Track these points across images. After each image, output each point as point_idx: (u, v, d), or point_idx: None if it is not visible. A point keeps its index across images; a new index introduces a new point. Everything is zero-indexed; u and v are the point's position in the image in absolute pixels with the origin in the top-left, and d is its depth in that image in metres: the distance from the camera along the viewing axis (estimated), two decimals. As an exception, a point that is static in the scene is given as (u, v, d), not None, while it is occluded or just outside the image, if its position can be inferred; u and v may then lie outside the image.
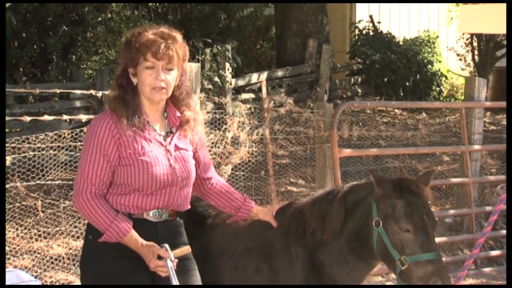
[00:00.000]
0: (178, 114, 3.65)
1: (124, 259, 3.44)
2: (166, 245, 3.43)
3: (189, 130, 3.66)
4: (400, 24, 17.38)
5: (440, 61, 15.52)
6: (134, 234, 3.43)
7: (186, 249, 3.52)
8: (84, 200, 3.42)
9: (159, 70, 3.50)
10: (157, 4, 14.95)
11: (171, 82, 3.55)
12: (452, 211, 8.61)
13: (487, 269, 8.07)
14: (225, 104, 9.54)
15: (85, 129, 8.87)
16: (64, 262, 6.43)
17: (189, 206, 3.70)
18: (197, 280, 3.61)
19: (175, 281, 3.36)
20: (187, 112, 3.66)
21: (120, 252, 3.44)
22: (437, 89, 15.24)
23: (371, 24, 15.76)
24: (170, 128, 3.63)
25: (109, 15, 13.05)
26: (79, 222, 6.47)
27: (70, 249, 6.78)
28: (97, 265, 3.48)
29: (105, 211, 3.41)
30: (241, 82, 12.82)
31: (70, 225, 6.47)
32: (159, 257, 3.39)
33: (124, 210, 3.48)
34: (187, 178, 3.59)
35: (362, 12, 16.67)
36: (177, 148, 3.59)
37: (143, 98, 3.56)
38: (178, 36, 3.62)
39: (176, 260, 3.42)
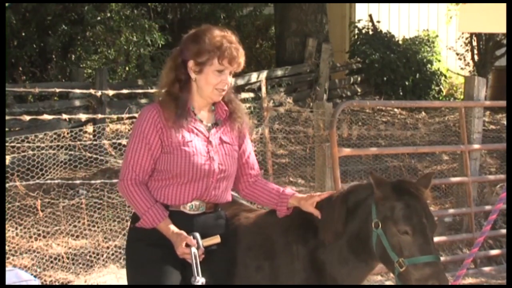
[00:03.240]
0: (225, 108, 3.77)
1: (158, 247, 3.58)
2: (196, 234, 3.55)
3: (236, 120, 3.76)
4: (399, 23, 17.38)
5: (439, 61, 15.53)
6: (168, 221, 3.59)
7: (215, 238, 3.60)
8: (126, 186, 3.61)
9: (227, 74, 3.68)
10: (157, 3, 14.96)
11: (230, 85, 3.74)
12: (451, 210, 8.61)
13: (486, 268, 8.08)
14: (225, 104, 9.53)
15: (84, 128, 8.91)
16: (63, 261, 6.43)
17: (229, 199, 3.79)
18: (220, 268, 3.69)
19: (196, 269, 3.47)
20: (234, 103, 3.79)
21: (157, 241, 3.58)
22: (437, 88, 15.25)
23: (370, 24, 15.77)
24: (216, 120, 3.74)
25: (109, 14, 13.04)
26: (79, 222, 6.47)
27: (69, 248, 6.78)
28: (134, 252, 3.68)
29: (144, 198, 3.60)
30: (240, 81, 12.83)
31: (70, 225, 6.47)
32: (188, 245, 3.52)
33: (162, 201, 3.63)
34: (225, 171, 3.68)
35: (361, 11, 16.68)
36: (221, 141, 3.70)
37: (195, 93, 3.68)
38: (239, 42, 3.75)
39: (203, 249, 3.53)
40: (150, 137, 3.60)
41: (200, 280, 3.47)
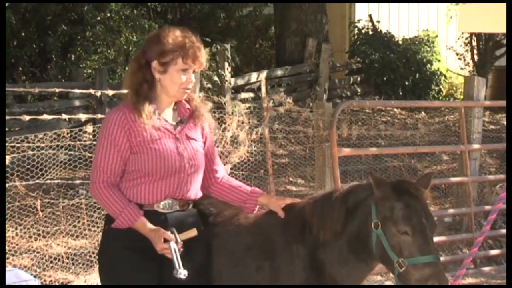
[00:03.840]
0: (187, 106, 3.84)
1: (135, 251, 3.62)
2: (173, 229, 3.60)
3: (199, 118, 3.84)
4: (399, 23, 17.38)
5: (439, 60, 15.52)
6: (143, 220, 3.62)
7: (191, 232, 3.65)
8: (98, 188, 3.65)
9: (191, 73, 3.74)
10: (157, 3, 14.96)
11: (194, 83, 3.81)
12: (451, 210, 8.61)
13: (486, 268, 8.07)
14: (225, 104, 9.54)
15: (84, 128, 8.90)
16: (63, 262, 6.43)
17: (201, 194, 3.84)
18: (197, 259, 3.73)
19: (177, 264, 3.50)
20: (194, 102, 3.88)
21: (133, 243, 3.62)
22: (436, 88, 15.24)
23: (370, 24, 15.77)
24: (180, 118, 3.81)
25: (108, 14, 13.05)
26: (78, 222, 6.47)
27: (69, 248, 6.78)
28: (110, 255, 3.69)
29: (117, 199, 3.64)
30: (240, 82, 12.83)
31: (69, 225, 6.47)
32: (166, 241, 3.56)
33: (136, 201, 3.67)
34: (195, 166, 3.74)
35: (361, 11, 16.68)
36: (187, 137, 3.77)
37: (160, 92, 3.74)
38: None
39: (181, 243, 3.57)
40: (119, 139, 3.64)
41: (182, 272, 3.51)
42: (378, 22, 15.88)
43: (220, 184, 3.98)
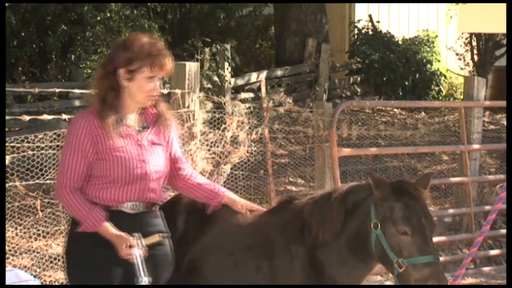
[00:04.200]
0: (153, 111, 3.88)
1: (103, 247, 3.66)
2: (138, 234, 3.67)
3: (163, 123, 3.88)
4: (399, 23, 17.38)
5: (439, 61, 15.51)
6: (107, 225, 3.67)
7: (154, 237, 3.73)
8: (64, 194, 3.70)
9: (157, 81, 3.78)
10: (156, 3, 14.96)
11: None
12: (451, 211, 8.61)
13: (486, 269, 8.07)
14: (225, 104, 9.54)
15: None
16: (63, 262, 6.41)
17: (165, 197, 3.94)
18: (164, 265, 3.80)
19: (140, 270, 3.58)
20: (160, 106, 3.90)
21: (100, 241, 3.67)
22: (436, 88, 15.23)
23: (370, 24, 15.76)
24: (146, 123, 3.85)
25: (108, 15, 13.04)
26: (78, 222, 6.45)
27: (69, 248, 6.76)
28: (78, 252, 3.74)
29: (82, 204, 3.69)
30: (240, 82, 12.82)
31: (70, 225, 6.45)
32: (131, 246, 3.64)
33: (102, 203, 3.72)
34: (159, 172, 3.81)
35: (361, 11, 16.67)
36: (151, 143, 3.82)
37: (126, 98, 3.77)
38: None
39: (146, 249, 3.65)
40: (86, 145, 3.68)
41: (145, 279, 3.58)
42: (378, 22, 15.87)
43: (187, 181, 4.05)
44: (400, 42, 15.49)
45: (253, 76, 13.20)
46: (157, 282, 3.72)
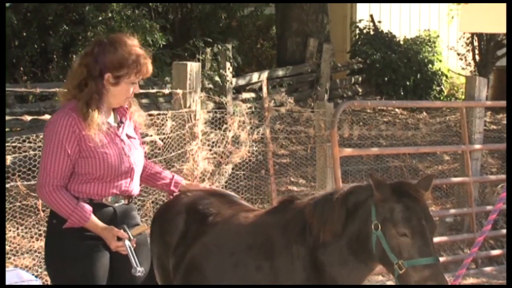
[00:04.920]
0: (126, 106, 3.95)
1: (86, 239, 3.72)
2: (125, 226, 3.75)
3: (135, 115, 3.98)
4: (400, 23, 17.37)
5: (440, 61, 15.51)
6: (94, 219, 3.72)
7: (141, 227, 3.85)
8: (47, 192, 3.69)
9: (137, 84, 3.86)
10: (158, 3, 14.96)
11: None
12: (452, 211, 8.61)
13: (487, 269, 8.07)
14: (226, 104, 9.54)
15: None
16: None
17: (139, 190, 4.02)
18: (147, 253, 3.97)
19: (133, 260, 3.66)
20: (130, 100, 3.96)
21: (82, 233, 3.71)
22: (438, 88, 15.23)
23: (371, 24, 15.76)
24: (120, 118, 3.91)
25: (110, 15, 13.04)
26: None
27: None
28: (62, 246, 3.75)
29: (66, 201, 3.68)
30: (241, 82, 12.82)
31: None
32: (119, 238, 3.71)
33: (85, 197, 3.76)
34: (138, 165, 3.90)
35: (362, 11, 16.67)
36: (128, 136, 3.89)
37: (106, 99, 3.80)
38: None
39: (135, 239, 3.74)
40: (68, 144, 3.68)
41: (141, 269, 3.66)
42: (379, 22, 15.87)
43: (147, 172, 4.18)
44: (401, 42, 15.49)
45: (255, 76, 13.21)
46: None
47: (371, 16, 16.03)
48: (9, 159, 5.54)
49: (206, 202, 4.20)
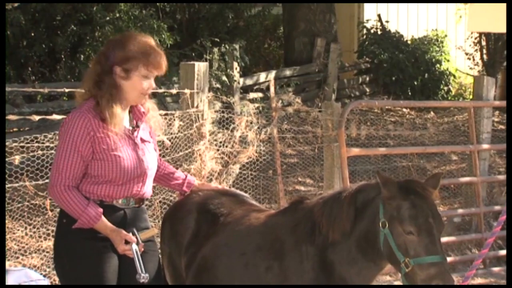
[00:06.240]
0: (142, 109, 3.92)
1: (95, 240, 3.71)
2: (134, 230, 3.74)
3: (152, 119, 3.96)
4: (408, 23, 17.35)
5: (448, 60, 15.49)
6: (104, 220, 3.71)
7: (151, 232, 3.84)
8: (58, 192, 3.68)
9: (152, 79, 3.81)
10: (165, 3, 14.97)
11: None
12: (460, 210, 8.59)
13: (496, 269, 8.05)
14: (233, 103, 9.53)
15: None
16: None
17: (151, 193, 4.00)
18: (155, 260, 3.92)
19: (139, 264, 3.64)
20: (147, 103, 3.95)
21: (92, 233, 3.71)
22: (445, 88, 15.20)
23: (379, 23, 15.74)
24: (136, 122, 3.89)
25: (117, 15, 13.05)
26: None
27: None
28: (71, 245, 3.75)
29: (77, 201, 3.68)
30: (249, 81, 12.82)
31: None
32: (127, 242, 3.69)
33: (96, 198, 3.75)
34: (152, 169, 3.88)
35: (370, 11, 16.65)
36: (142, 140, 3.87)
37: (121, 97, 3.77)
38: None
39: (142, 244, 3.73)
40: (82, 144, 3.67)
41: (145, 276, 3.64)
42: (387, 22, 15.85)
43: (161, 172, 4.19)
44: (409, 42, 15.48)
45: (262, 76, 13.20)
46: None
47: (379, 15, 16.01)
48: (17, 159, 5.56)
49: (217, 202, 4.21)
